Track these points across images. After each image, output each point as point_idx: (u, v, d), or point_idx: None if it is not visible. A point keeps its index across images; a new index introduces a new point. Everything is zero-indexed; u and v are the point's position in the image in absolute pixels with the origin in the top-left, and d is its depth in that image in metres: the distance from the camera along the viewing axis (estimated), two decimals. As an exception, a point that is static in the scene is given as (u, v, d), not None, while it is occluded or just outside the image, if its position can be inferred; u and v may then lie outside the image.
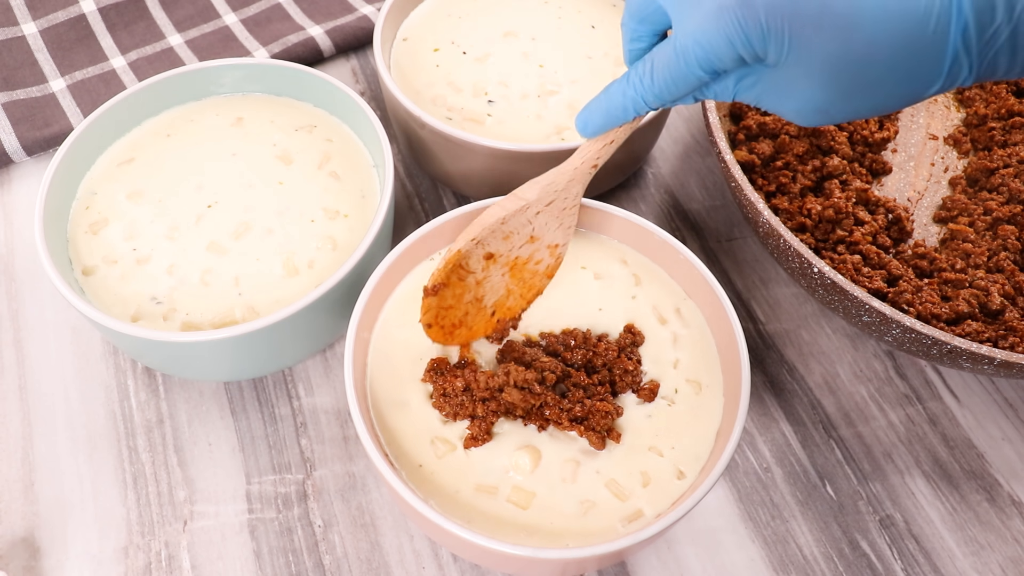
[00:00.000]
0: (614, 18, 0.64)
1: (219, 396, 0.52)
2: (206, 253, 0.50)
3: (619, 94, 0.38)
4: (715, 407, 0.44)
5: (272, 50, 0.68)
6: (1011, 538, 0.49)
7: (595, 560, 0.39)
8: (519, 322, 0.46)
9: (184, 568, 0.46)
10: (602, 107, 0.39)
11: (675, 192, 0.64)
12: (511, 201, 0.43)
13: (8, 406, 0.51)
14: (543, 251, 0.43)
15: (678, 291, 0.48)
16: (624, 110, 0.38)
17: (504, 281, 0.43)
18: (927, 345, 0.45)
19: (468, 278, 0.42)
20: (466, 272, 0.42)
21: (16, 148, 0.61)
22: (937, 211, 0.58)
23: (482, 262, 0.42)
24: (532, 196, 0.42)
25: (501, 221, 0.42)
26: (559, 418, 0.42)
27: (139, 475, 0.49)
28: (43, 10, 0.71)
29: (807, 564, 0.47)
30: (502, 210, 0.42)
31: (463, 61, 0.61)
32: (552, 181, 0.42)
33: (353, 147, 0.56)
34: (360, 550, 0.47)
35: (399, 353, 0.45)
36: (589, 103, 0.40)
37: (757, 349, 0.56)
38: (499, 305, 0.44)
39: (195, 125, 0.57)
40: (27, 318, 0.55)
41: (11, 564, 0.45)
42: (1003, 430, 0.53)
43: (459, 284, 0.42)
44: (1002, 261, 0.53)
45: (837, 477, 0.50)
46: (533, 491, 0.41)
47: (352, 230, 0.52)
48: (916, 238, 0.57)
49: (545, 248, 0.43)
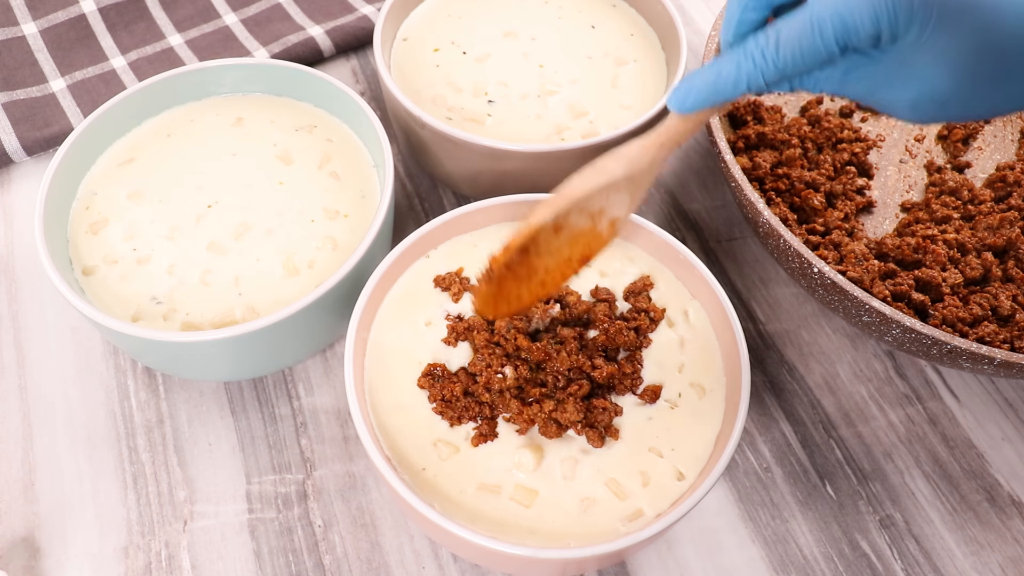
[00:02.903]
0: (614, 18, 0.64)
1: (219, 396, 0.52)
2: (206, 253, 0.50)
3: (732, 67, 0.35)
4: (716, 410, 0.44)
5: (272, 50, 0.68)
6: (1011, 538, 0.49)
7: (595, 560, 0.39)
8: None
9: (184, 568, 0.46)
10: (707, 80, 0.36)
11: (675, 192, 0.64)
12: (597, 175, 0.39)
13: (8, 406, 0.51)
14: (604, 222, 0.41)
15: (683, 292, 0.48)
16: (736, 85, 0.35)
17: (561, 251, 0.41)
18: (927, 345, 0.45)
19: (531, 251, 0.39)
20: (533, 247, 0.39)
21: (16, 148, 0.61)
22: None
23: (550, 236, 0.39)
24: (619, 171, 0.39)
25: (585, 196, 0.39)
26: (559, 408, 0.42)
27: (139, 475, 0.49)
28: (43, 10, 0.71)
29: (807, 564, 0.47)
30: (588, 184, 0.39)
31: (463, 61, 0.61)
32: (636, 157, 0.39)
33: (353, 147, 0.56)
34: (360, 550, 0.47)
35: (399, 354, 0.45)
36: (689, 76, 0.36)
37: (757, 349, 0.56)
38: (550, 273, 0.41)
39: (195, 125, 0.57)
40: (27, 318, 0.55)
41: (11, 564, 0.45)
42: (1003, 430, 0.53)
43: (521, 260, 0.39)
44: (1011, 270, 0.54)
45: (837, 477, 0.50)
46: (535, 489, 0.41)
47: (352, 230, 0.52)
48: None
49: (607, 220, 0.41)
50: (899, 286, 0.52)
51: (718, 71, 0.35)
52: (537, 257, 0.39)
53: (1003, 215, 0.56)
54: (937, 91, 0.32)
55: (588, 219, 0.40)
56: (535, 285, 0.41)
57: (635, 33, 0.63)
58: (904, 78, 0.33)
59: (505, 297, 0.40)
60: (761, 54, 0.34)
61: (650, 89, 0.60)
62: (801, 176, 0.57)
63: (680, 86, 0.37)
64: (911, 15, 0.30)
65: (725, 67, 0.35)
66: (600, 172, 0.39)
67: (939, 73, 0.32)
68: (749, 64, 0.34)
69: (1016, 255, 0.55)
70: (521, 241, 0.38)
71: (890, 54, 0.32)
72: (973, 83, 0.31)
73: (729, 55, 0.35)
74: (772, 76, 0.34)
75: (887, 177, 0.61)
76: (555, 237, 0.39)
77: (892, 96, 0.34)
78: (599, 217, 0.40)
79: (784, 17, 0.33)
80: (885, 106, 0.35)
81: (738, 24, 0.36)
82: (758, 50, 0.34)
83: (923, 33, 0.31)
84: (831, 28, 0.32)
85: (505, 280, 0.39)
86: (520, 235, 0.38)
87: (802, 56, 0.33)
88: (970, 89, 0.32)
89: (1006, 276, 0.54)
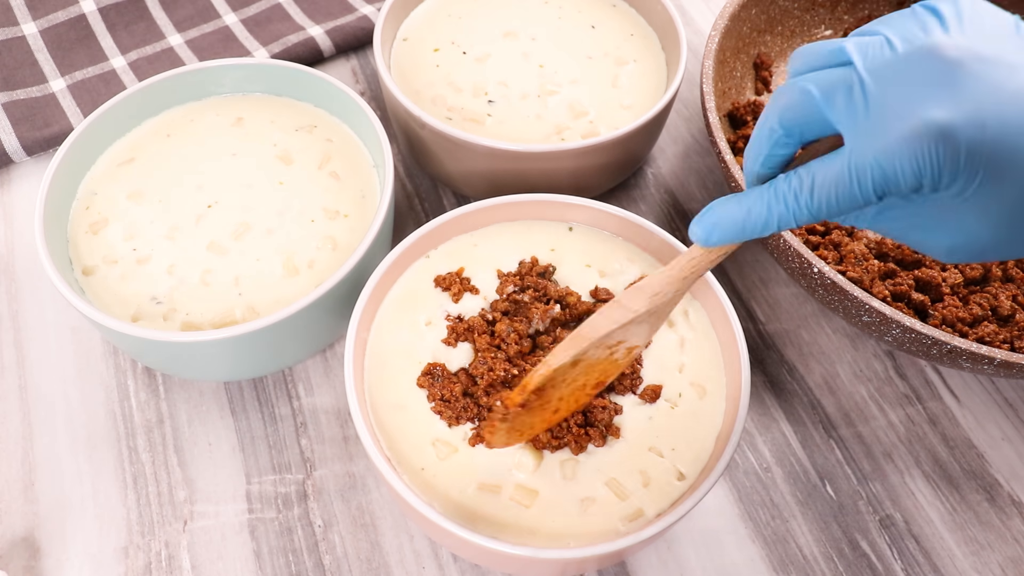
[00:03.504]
0: (614, 18, 0.64)
1: (219, 396, 0.52)
2: (206, 253, 0.50)
3: (762, 207, 0.33)
4: (717, 410, 0.44)
5: (272, 50, 0.68)
6: (1011, 538, 0.49)
7: (595, 560, 0.39)
8: None
9: (184, 568, 0.46)
10: (736, 218, 0.34)
11: (675, 192, 0.64)
12: (619, 312, 0.38)
13: (8, 406, 0.51)
14: (621, 351, 0.41)
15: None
16: (766, 226, 0.33)
17: (576, 381, 0.40)
18: (927, 345, 0.45)
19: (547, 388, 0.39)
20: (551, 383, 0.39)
21: (16, 148, 0.61)
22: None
23: (567, 369, 0.38)
24: (642, 308, 0.38)
25: (607, 335, 0.38)
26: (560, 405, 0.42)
27: (139, 475, 0.49)
28: (43, 10, 0.71)
29: (807, 564, 0.47)
30: (611, 323, 0.38)
31: (463, 61, 0.61)
32: (660, 291, 0.38)
33: (353, 147, 0.56)
34: (360, 550, 0.47)
35: (399, 354, 0.45)
36: (716, 209, 0.35)
37: (757, 349, 0.56)
38: (564, 401, 0.41)
39: (195, 125, 0.57)
40: (27, 318, 0.55)
41: (11, 564, 0.45)
42: (1003, 430, 0.53)
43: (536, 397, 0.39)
44: (1011, 270, 0.54)
45: (837, 477, 0.50)
46: (535, 489, 0.41)
47: (352, 230, 0.52)
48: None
49: (624, 349, 0.41)
50: (899, 286, 0.52)
51: (748, 209, 0.34)
52: (553, 390, 0.39)
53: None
54: (977, 242, 0.31)
55: (606, 351, 0.39)
56: (548, 412, 0.40)
57: (635, 33, 0.63)
58: (943, 225, 0.31)
59: (518, 428, 0.40)
60: (795, 198, 0.32)
61: (650, 89, 0.60)
62: None
63: (705, 218, 0.35)
64: (956, 170, 0.28)
65: (756, 207, 0.34)
66: (624, 309, 0.38)
67: (979, 225, 0.30)
68: (781, 207, 0.33)
69: None
70: (539, 382, 0.37)
71: (930, 201, 0.31)
72: (1013, 233, 0.30)
73: (759, 194, 0.34)
74: (804, 219, 0.33)
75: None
76: (571, 370, 0.38)
77: (928, 240, 0.32)
78: (616, 347, 0.39)
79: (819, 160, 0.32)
80: (919, 246, 0.33)
81: (767, 159, 0.34)
82: (791, 193, 0.32)
83: (967, 188, 0.29)
84: (870, 178, 0.30)
85: (519, 416, 0.39)
86: (539, 376, 0.37)
87: (837, 203, 0.31)
88: (1009, 238, 0.30)
89: (1006, 276, 0.54)
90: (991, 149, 0.28)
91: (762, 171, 0.34)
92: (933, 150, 0.28)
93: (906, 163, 0.29)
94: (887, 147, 0.29)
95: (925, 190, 0.30)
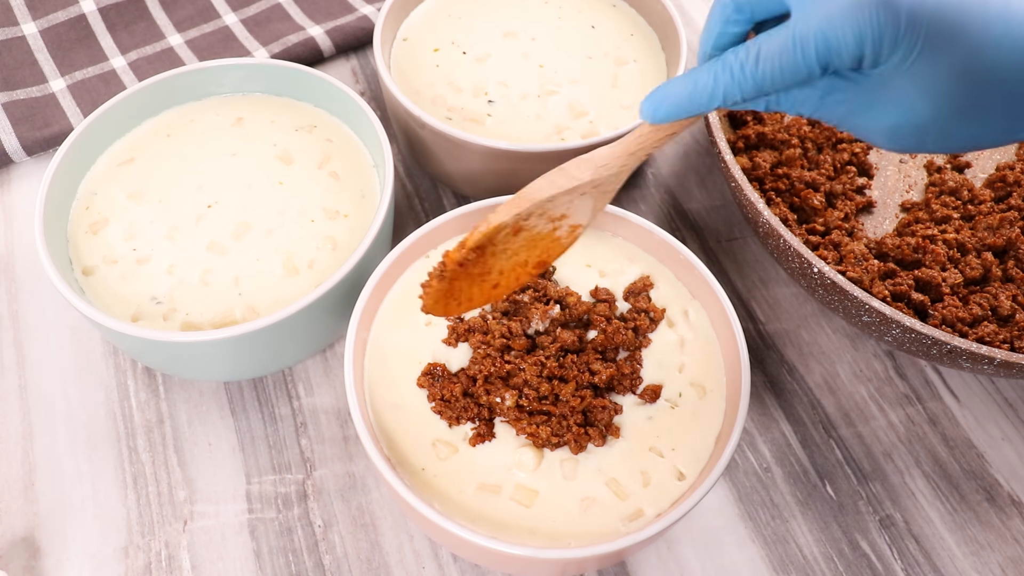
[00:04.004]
0: (614, 18, 0.64)
1: (219, 396, 0.52)
2: (206, 253, 0.50)
3: (709, 78, 0.34)
4: (716, 410, 0.44)
5: (272, 50, 0.68)
6: (1011, 538, 0.49)
7: (595, 560, 0.39)
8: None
9: (184, 568, 0.46)
10: (683, 91, 0.35)
11: (675, 192, 0.64)
12: (562, 178, 0.39)
13: (8, 406, 0.51)
14: (564, 228, 0.41)
15: (684, 292, 0.48)
16: (712, 96, 0.34)
17: (518, 254, 0.40)
18: (927, 345, 0.45)
19: (487, 251, 0.39)
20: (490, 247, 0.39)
21: (16, 148, 0.61)
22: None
23: (508, 236, 0.39)
24: (585, 176, 0.38)
25: (549, 199, 0.38)
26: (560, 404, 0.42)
27: (139, 475, 0.49)
28: (43, 10, 0.71)
29: (807, 564, 0.47)
30: (553, 187, 0.38)
31: (463, 61, 0.61)
32: (605, 163, 0.39)
33: (353, 147, 0.56)
34: (360, 550, 0.47)
35: (399, 354, 0.45)
36: (665, 85, 0.36)
37: (757, 349, 0.56)
38: (504, 276, 0.41)
39: (195, 125, 0.57)
40: (27, 318, 0.55)
41: (11, 564, 0.45)
42: (1003, 430, 0.53)
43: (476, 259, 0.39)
44: (1011, 270, 0.54)
45: (837, 477, 0.50)
46: (535, 489, 0.41)
47: (352, 230, 0.52)
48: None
49: (568, 226, 0.41)
50: (899, 286, 0.52)
51: (694, 81, 0.35)
52: (493, 257, 0.39)
53: (1003, 215, 0.56)
54: (916, 119, 0.32)
55: (549, 223, 0.39)
56: (488, 287, 0.41)
57: (635, 33, 0.63)
58: (883, 103, 0.32)
59: (456, 296, 0.40)
60: (740, 67, 0.33)
61: (650, 89, 0.60)
62: (801, 176, 0.57)
63: (653, 95, 0.36)
64: (896, 39, 0.30)
65: (702, 78, 0.34)
66: (567, 176, 0.39)
67: (920, 100, 0.31)
68: (727, 76, 0.34)
69: (1016, 255, 0.55)
70: (478, 239, 0.37)
71: (871, 78, 0.32)
72: (953, 112, 0.31)
73: (707, 66, 0.35)
74: (749, 90, 0.34)
75: (887, 177, 0.61)
76: (513, 238, 0.38)
77: (870, 122, 0.33)
78: (560, 222, 0.40)
79: (766, 32, 0.33)
80: (862, 132, 0.34)
81: (718, 37, 0.35)
82: (737, 63, 0.33)
83: (907, 58, 0.30)
84: (813, 47, 0.31)
85: (458, 278, 0.39)
86: (478, 233, 0.37)
87: (782, 73, 0.32)
88: (949, 119, 0.31)
89: (1006, 276, 0.54)
90: (930, 15, 0.29)
91: (713, 52, 0.36)
92: (874, 16, 0.29)
93: (848, 30, 0.30)
94: (830, 15, 0.30)
95: (866, 63, 0.31)
